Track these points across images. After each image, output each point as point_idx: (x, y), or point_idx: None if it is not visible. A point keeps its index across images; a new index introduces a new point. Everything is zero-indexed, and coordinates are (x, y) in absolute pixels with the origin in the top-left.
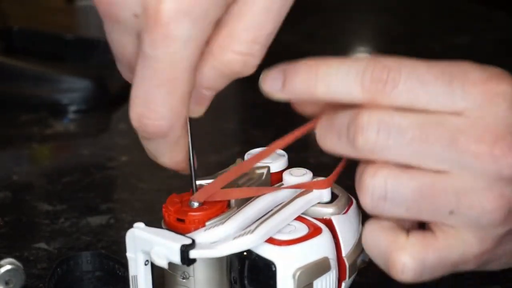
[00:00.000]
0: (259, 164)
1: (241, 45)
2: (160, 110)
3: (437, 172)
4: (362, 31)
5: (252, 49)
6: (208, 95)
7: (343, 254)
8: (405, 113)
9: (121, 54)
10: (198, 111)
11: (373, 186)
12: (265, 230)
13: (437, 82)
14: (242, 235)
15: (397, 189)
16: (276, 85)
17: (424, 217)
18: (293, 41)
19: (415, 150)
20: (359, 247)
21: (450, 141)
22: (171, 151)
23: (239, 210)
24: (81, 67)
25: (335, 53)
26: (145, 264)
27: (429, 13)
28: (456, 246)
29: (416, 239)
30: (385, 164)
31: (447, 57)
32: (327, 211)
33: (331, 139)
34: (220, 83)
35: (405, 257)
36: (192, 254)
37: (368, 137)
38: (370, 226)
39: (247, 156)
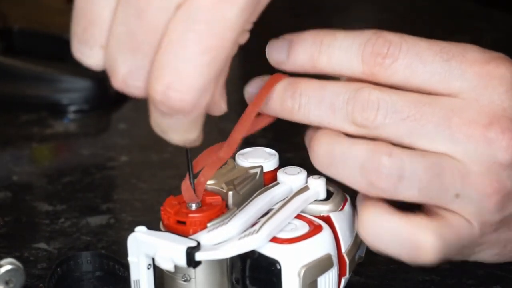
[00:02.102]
0: (252, 164)
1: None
2: (193, 83)
3: (441, 153)
4: None
5: (251, 26)
6: None
7: (343, 250)
8: (402, 92)
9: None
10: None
11: (391, 166)
12: (269, 229)
13: (435, 59)
14: (247, 235)
15: (414, 168)
16: (282, 55)
17: (432, 199)
18: None
19: (410, 129)
20: (356, 243)
21: (443, 121)
22: (187, 130)
23: (240, 211)
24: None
25: None
26: (148, 268)
27: (429, 13)
28: (464, 229)
29: (431, 219)
30: (389, 143)
31: None
32: (324, 208)
33: (321, 112)
34: None
35: (431, 237)
36: (198, 256)
37: (368, 115)
38: (372, 213)
39: (238, 156)
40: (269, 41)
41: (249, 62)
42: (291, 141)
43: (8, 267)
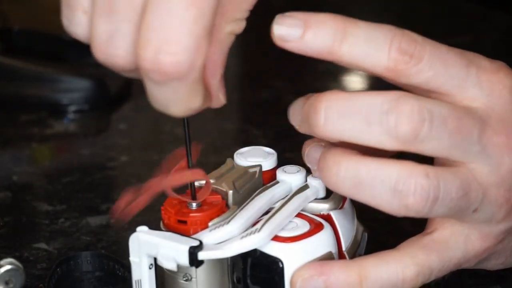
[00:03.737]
0: (250, 163)
1: (242, 13)
2: (183, 42)
3: (464, 166)
4: None
5: (246, 14)
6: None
7: (344, 248)
8: (440, 102)
9: None
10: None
11: (429, 188)
12: (271, 228)
13: (456, 63)
14: (249, 234)
15: (447, 188)
16: (294, 32)
17: (454, 216)
18: None
19: (452, 141)
20: (357, 241)
21: (481, 132)
22: (187, 97)
23: (241, 210)
24: (81, 67)
25: None
26: (149, 268)
27: (429, 13)
28: (458, 246)
29: (416, 247)
30: (423, 164)
31: None
32: (324, 206)
33: (352, 126)
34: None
35: (410, 270)
36: (201, 255)
37: (415, 126)
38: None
39: (236, 156)
40: (276, 16)
41: (249, 61)
42: (291, 141)
43: (8, 267)
